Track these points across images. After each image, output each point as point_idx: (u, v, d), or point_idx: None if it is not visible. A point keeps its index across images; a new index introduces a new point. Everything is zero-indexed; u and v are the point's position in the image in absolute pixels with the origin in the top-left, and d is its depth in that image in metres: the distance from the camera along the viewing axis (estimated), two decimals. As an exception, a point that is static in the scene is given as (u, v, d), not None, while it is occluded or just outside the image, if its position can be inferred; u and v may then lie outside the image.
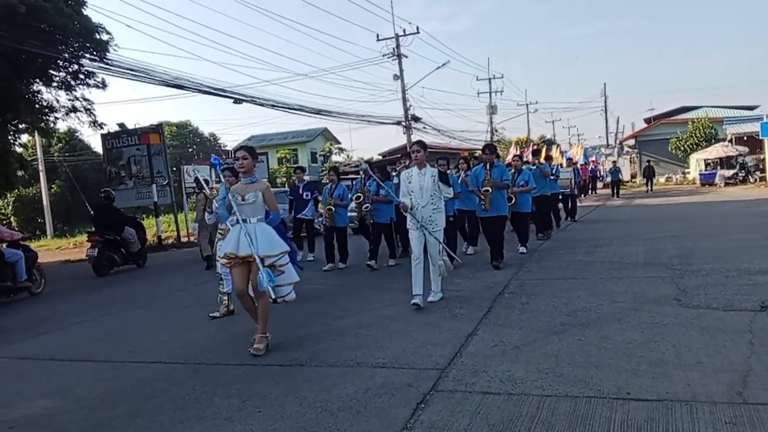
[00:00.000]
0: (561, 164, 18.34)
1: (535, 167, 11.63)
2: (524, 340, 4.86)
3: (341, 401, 3.82)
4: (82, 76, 15.71)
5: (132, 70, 15.46)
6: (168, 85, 16.99)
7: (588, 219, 16.08)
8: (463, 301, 6.47)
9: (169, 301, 8.43)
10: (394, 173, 10.17)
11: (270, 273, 4.78)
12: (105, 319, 7.46)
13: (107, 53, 14.90)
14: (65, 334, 6.80)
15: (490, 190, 8.37)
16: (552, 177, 12.36)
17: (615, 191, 27.35)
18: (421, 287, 6.30)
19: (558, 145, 38.42)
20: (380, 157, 35.38)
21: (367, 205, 9.62)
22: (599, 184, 34.93)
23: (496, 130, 45.38)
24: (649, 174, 30.90)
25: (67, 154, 36.00)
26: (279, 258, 4.98)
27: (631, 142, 46.64)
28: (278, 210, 5.16)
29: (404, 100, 31.37)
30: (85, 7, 15.39)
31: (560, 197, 14.20)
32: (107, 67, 14.92)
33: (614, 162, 33.46)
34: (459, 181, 9.47)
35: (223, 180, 5.15)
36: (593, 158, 36.70)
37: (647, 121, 46.83)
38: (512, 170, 9.93)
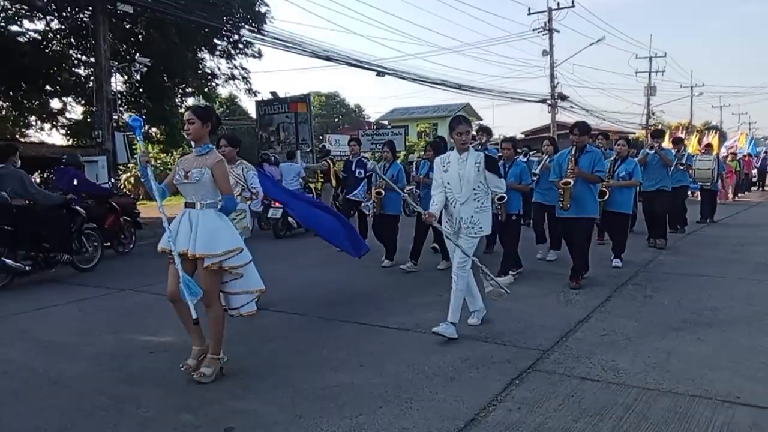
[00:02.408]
0: (699, 151, 15.18)
1: (653, 152, 9.07)
2: (638, 332, 4.69)
3: (438, 367, 3.98)
4: (241, 46, 16.98)
5: (286, 41, 16.38)
6: (318, 57, 17.80)
7: (740, 218, 14.28)
8: (582, 287, 6.29)
9: (301, 259, 9.01)
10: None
11: (191, 284, 3.67)
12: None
13: (264, 24, 15.93)
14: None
15: (571, 183, 6.26)
16: (681, 167, 10.18)
17: None
18: (458, 314, 4.68)
19: (722, 133, 35.02)
20: (522, 136, 34.53)
21: (411, 186, 8.02)
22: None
23: (654, 113, 42.35)
24: (830, 173, 27.20)
25: (227, 118, 39.00)
26: (227, 258, 3.78)
27: (813, 134, 41.36)
28: (232, 194, 4.01)
29: (552, 77, 30.28)
30: (248, -21, 16.54)
31: (690, 192, 11.56)
32: (263, 38, 15.96)
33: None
34: (539, 167, 7.87)
35: (141, 147, 4.03)
36: (764, 150, 32.82)
37: (834, 111, 41.17)
38: (615, 157, 7.97)
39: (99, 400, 3.57)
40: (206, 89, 18.97)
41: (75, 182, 8.64)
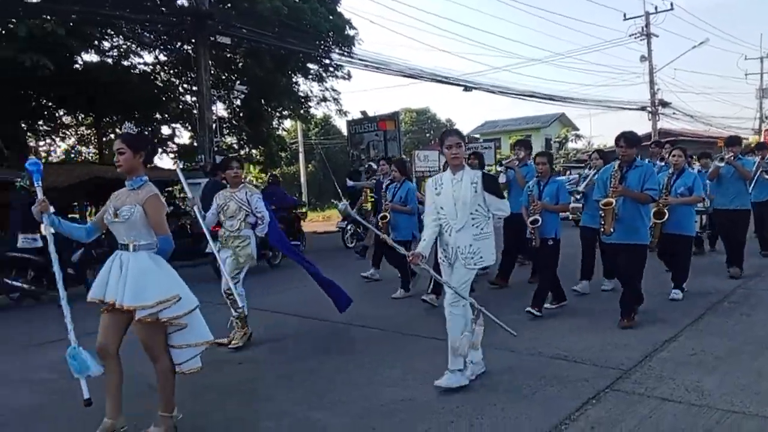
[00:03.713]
0: None
1: (724, 164, 7.46)
2: (730, 352, 4.46)
3: (510, 384, 3.99)
4: (331, 69, 17.63)
5: (373, 62, 16.82)
6: (405, 76, 18.11)
7: None
8: (673, 306, 6.01)
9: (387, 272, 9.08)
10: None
11: (78, 357, 3.18)
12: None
13: (353, 47, 16.47)
14: (286, 295, 7.74)
15: (614, 203, 5.24)
16: (767, 177, 8.48)
17: None
18: (460, 360, 4.02)
19: None
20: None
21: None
22: None
23: (767, 117, 39.43)
24: None
25: (322, 138, 40.33)
26: (161, 309, 3.22)
27: None
28: (168, 234, 3.39)
29: (651, 83, 29.09)
30: (339, 5, 17.20)
31: None
32: (351, 60, 16.50)
33: None
34: (585, 184, 6.94)
35: (39, 192, 3.35)
36: None
37: None
38: (671, 170, 6.66)
39: (184, 406, 3.72)
40: (301, 111, 19.81)
41: (274, 198, 10.50)
